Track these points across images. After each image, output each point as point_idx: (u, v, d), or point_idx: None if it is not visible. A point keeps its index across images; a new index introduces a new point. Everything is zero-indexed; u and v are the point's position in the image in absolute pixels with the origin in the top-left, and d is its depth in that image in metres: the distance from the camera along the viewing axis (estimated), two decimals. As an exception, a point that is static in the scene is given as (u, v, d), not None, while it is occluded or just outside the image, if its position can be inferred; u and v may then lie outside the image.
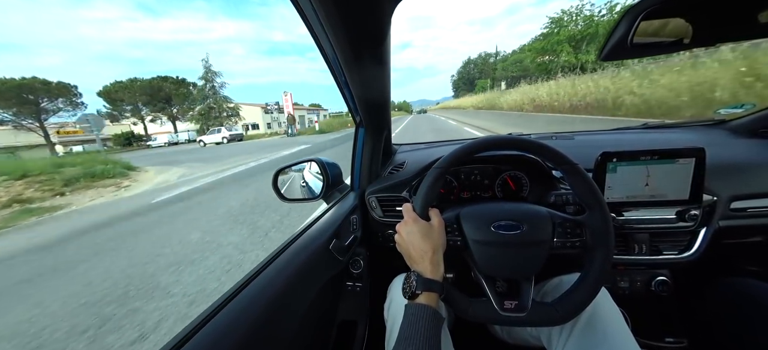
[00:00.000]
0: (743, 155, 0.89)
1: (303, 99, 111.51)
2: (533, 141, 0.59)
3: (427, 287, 0.51)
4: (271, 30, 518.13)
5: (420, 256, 0.54)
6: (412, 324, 0.47)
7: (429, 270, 0.52)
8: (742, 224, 0.84)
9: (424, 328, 0.46)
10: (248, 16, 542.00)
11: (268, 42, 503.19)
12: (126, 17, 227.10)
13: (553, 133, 1.25)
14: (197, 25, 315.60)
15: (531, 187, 0.98)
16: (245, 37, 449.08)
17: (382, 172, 1.15)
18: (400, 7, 0.49)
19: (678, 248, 0.85)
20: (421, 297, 0.50)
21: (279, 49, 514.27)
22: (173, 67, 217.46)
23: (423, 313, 0.48)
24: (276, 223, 3.47)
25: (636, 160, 0.74)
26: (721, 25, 0.47)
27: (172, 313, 2.00)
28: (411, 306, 0.49)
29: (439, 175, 0.59)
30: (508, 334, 0.81)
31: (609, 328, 0.56)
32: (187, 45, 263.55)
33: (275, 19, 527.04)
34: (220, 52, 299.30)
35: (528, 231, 0.58)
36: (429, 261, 0.53)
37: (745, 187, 0.82)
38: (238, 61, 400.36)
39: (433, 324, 0.47)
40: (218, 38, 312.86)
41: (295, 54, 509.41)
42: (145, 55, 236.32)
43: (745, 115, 1.06)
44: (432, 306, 0.49)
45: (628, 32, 0.48)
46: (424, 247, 0.54)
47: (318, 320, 0.86)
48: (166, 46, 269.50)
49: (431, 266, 0.53)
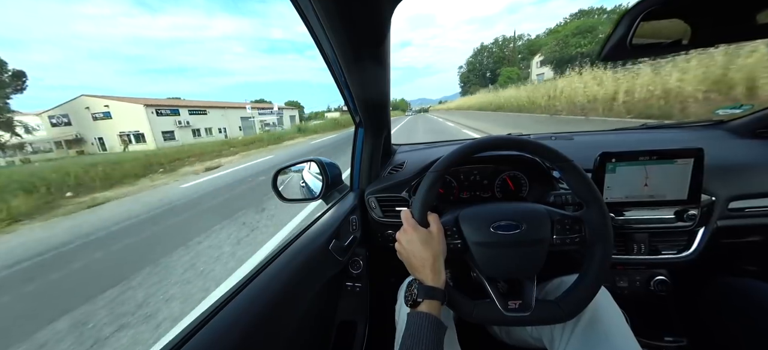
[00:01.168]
0: (741, 155, 0.90)
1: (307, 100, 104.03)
2: (530, 140, 0.59)
3: (428, 295, 0.51)
4: (269, 28, 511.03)
5: (421, 264, 0.54)
6: (414, 334, 0.47)
7: (430, 278, 0.52)
8: (741, 224, 0.84)
9: (427, 338, 0.46)
10: (247, 13, 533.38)
11: (266, 40, 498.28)
12: (123, 13, 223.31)
13: (552, 134, 1.25)
14: (196, 22, 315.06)
15: (530, 187, 0.98)
16: (244, 35, 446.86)
17: (381, 172, 1.15)
18: (400, 6, 0.49)
19: (677, 248, 0.86)
20: (422, 306, 0.50)
21: (278, 47, 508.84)
22: (172, 65, 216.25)
23: (425, 322, 0.47)
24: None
25: (635, 161, 0.75)
26: (720, 26, 0.47)
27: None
28: (413, 315, 0.49)
29: (436, 178, 0.59)
30: (508, 335, 0.81)
31: (610, 328, 0.56)
32: (186, 42, 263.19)
33: (273, 17, 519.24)
34: (219, 50, 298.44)
35: (527, 230, 0.58)
36: (430, 269, 0.53)
37: (743, 187, 0.83)
38: (238, 59, 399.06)
39: (434, 333, 0.47)
40: (218, 36, 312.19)
41: (294, 52, 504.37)
42: (144, 52, 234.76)
43: (744, 115, 1.07)
44: (433, 315, 0.49)
45: (628, 33, 0.48)
46: (424, 255, 0.54)
47: (318, 320, 0.85)
48: (164, 44, 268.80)
49: (432, 274, 0.53)
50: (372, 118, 0.98)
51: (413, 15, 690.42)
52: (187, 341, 0.44)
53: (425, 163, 1.04)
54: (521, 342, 0.77)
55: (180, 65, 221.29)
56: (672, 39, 0.49)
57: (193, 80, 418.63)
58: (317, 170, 1.04)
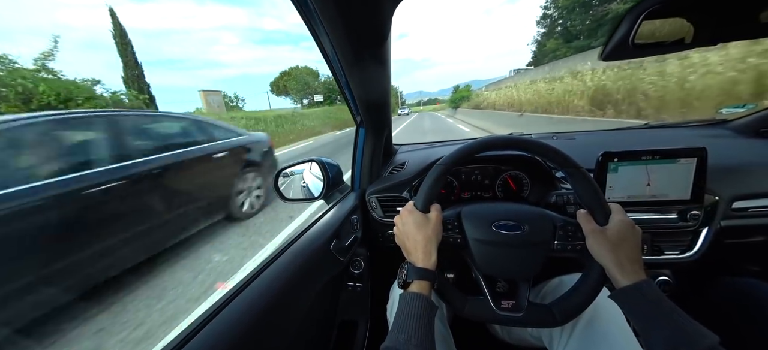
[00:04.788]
0: (745, 155, 0.89)
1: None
2: (536, 141, 0.58)
3: (418, 276, 0.51)
4: (262, 17, 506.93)
5: (413, 246, 0.55)
6: (405, 313, 0.47)
7: (420, 260, 0.53)
8: (744, 224, 0.83)
9: (417, 316, 0.46)
10: (238, 2, 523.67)
11: (260, 30, 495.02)
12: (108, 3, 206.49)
13: (554, 133, 1.25)
14: (185, 10, 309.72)
15: (532, 187, 0.98)
16: (237, 25, 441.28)
17: (382, 172, 1.15)
18: (400, 6, 0.49)
19: (680, 248, 0.85)
20: (413, 286, 0.51)
21: (271, 38, 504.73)
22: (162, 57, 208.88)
23: (415, 301, 0.48)
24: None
25: (637, 160, 0.74)
26: (722, 25, 0.47)
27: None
28: (404, 296, 0.50)
29: (443, 172, 0.59)
30: (509, 335, 0.81)
31: (611, 328, 0.55)
32: (175, 33, 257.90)
33: (266, 6, 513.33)
34: (210, 40, 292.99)
35: (529, 232, 0.58)
36: (421, 251, 0.53)
37: (746, 187, 0.82)
38: (231, 50, 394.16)
39: (424, 312, 0.47)
40: (209, 27, 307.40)
41: (288, 43, 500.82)
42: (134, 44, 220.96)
43: (747, 114, 1.06)
44: (423, 294, 0.49)
45: (630, 32, 0.48)
46: (417, 237, 0.54)
47: (319, 320, 0.86)
48: (152, 34, 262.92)
49: (423, 255, 0.53)
50: (373, 117, 0.98)
51: (412, 7, 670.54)
52: (189, 340, 0.44)
53: (426, 163, 1.04)
54: (522, 341, 0.77)
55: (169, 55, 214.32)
56: (674, 38, 0.49)
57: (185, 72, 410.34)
58: (318, 170, 1.04)
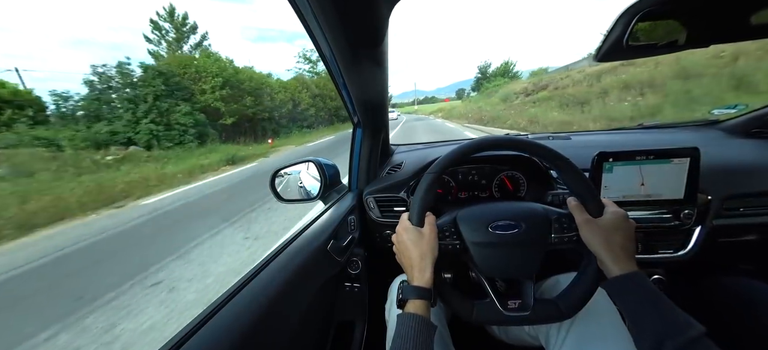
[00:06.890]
0: (737, 155, 0.91)
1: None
2: (528, 140, 0.59)
3: (414, 295, 0.51)
4: (256, 14, 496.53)
5: (409, 264, 0.54)
6: (402, 335, 0.46)
7: (415, 277, 0.52)
8: (736, 223, 0.85)
9: (414, 338, 0.46)
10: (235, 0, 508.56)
11: (254, 29, 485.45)
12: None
13: (550, 134, 1.26)
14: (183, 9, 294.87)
15: (528, 187, 0.98)
16: (231, 22, 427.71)
17: (379, 172, 1.15)
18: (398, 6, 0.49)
19: (673, 247, 0.86)
20: (409, 306, 0.50)
21: (266, 36, 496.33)
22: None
23: (412, 323, 0.47)
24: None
25: (632, 160, 0.75)
26: (715, 27, 0.47)
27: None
28: (401, 317, 0.49)
29: (433, 179, 0.59)
30: (506, 334, 0.81)
31: (606, 326, 0.56)
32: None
33: (259, 2, 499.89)
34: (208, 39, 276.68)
35: (526, 229, 0.58)
36: (416, 269, 0.53)
37: (738, 187, 0.83)
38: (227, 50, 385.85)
39: (421, 335, 0.47)
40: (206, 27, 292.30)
41: (282, 40, 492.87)
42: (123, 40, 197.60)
43: (739, 115, 1.08)
44: (420, 315, 0.49)
45: (624, 33, 0.48)
46: (412, 255, 0.54)
47: (316, 321, 0.85)
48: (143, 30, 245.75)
49: (418, 273, 0.53)
50: (370, 118, 0.98)
51: (409, 5, 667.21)
52: (186, 341, 0.44)
53: (423, 163, 1.04)
54: (519, 341, 0.77)
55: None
56: (668, 40, 0.50)
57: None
58: (315, 171, 1.03)
